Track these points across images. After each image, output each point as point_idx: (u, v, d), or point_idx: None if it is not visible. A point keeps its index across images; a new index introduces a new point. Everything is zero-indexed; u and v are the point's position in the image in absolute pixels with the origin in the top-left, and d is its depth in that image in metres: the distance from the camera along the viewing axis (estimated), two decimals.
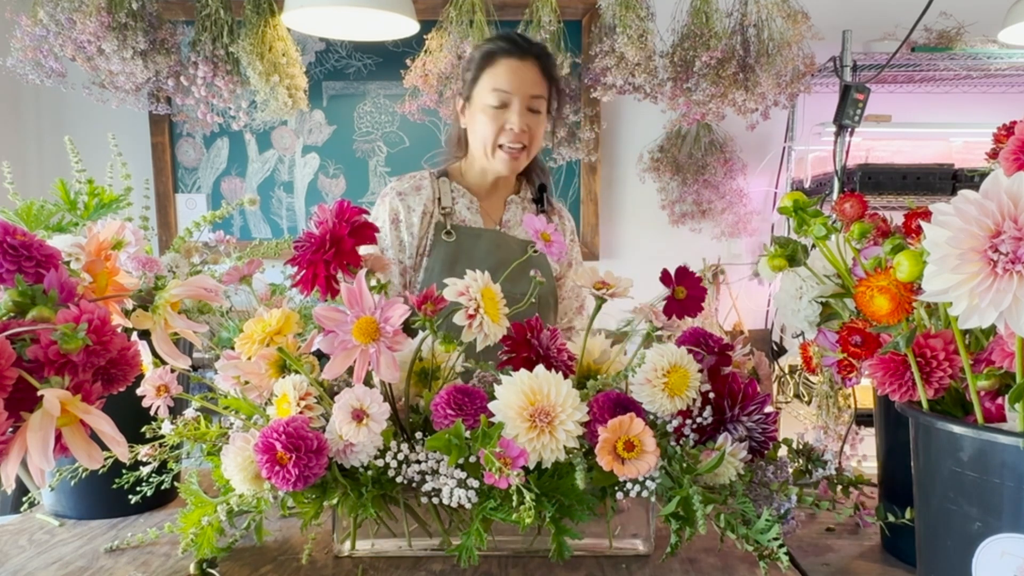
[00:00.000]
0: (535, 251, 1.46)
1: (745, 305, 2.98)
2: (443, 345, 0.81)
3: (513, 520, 0.72)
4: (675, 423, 0.80)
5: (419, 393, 0.84)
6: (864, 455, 1.37)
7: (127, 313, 0.79)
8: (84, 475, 0.96)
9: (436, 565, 0.84)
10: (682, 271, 0.87)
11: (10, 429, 0.54)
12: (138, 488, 0.93)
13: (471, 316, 0.77)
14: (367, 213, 0.83)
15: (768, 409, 0.87)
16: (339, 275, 0.79)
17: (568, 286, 1.63)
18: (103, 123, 2.86)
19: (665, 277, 0.87)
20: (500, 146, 1.42)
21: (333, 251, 0.78)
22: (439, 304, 0.78)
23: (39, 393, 0.54)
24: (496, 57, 1.42)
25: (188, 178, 3.00)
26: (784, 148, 2.92)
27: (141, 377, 0.85)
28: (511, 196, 1.56)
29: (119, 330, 0.63)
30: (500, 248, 1.47)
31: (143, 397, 0.85)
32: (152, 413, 0.87)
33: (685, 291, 0.86)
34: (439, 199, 1.49)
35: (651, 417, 0.79)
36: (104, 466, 0.67)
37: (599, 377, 0.83)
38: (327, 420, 0.76)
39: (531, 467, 0.73)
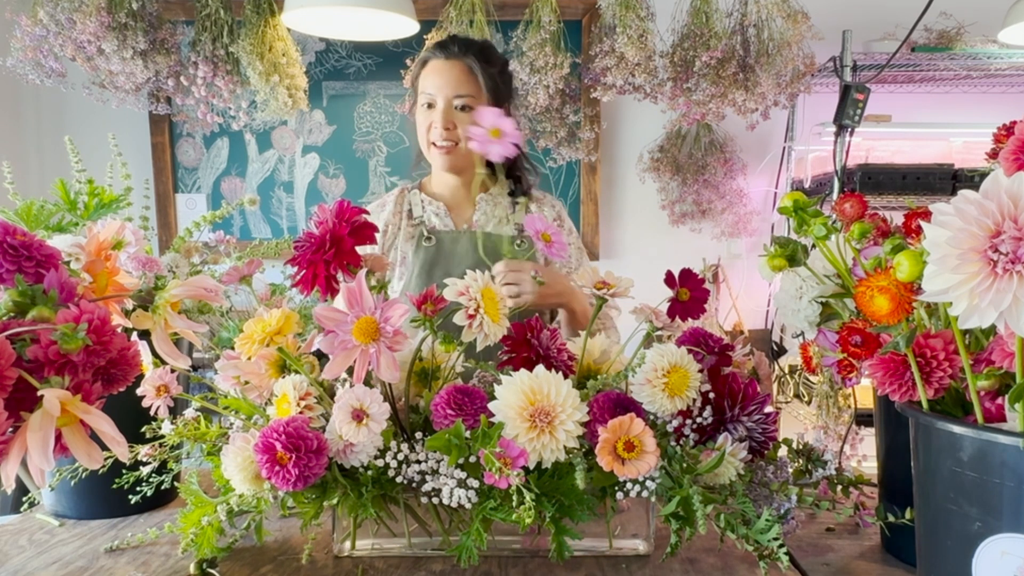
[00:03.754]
0: (519, 244, 1.49)
1: (745, 305, 2.98)
2: (443, 345, 0.81)
3: (513, 520, 0.72)
4: (675, 423, 0.80)
5: (419, 393, 0.84)
6: (864, 455, 1.37)
7: (127, 313, 0.79)
8: (84, 475, 0.96)
9: (436, 565, 0.84)
10: (685, 273, 0.87)
11: (10, 429, 0.54)
12: (138, 488, 0.93)
13: (471, 316, 0.77)
14: (367, 213, 0.83)
15: (768, 409, 0.87)
16: (339, 275, 0.79)
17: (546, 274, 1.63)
18: (103, 123, 2.86)
19: (669, 279, 0.87)
20: (434, 144, 1.46)
21: (333, 251, 0.78)
22: (439, 304, 0.78)
23: (39, 393, 0.54)
24: (427, 62, 1.49)
25: (188, 178, 3.00)
26: (784, 148, 2.92)
27: (141, 377, 0.85)
28: (480, 195, 1.58)
29: (119, 330, 0.63)
30: (478, 248, 1.49)
31: (143, 397, 0.85)
32: (152, 413, 0.87)
33: (688, 293, 0.86)
34: (409, 211, 1.56)
35: (651, 417, 0.79)
36: (104, 466, 0.67)
37: (599, 377, 0.83)
38: (327, 420, 0.76)
39: (531, 467, 0.73)
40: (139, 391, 0.85)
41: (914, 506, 0.65)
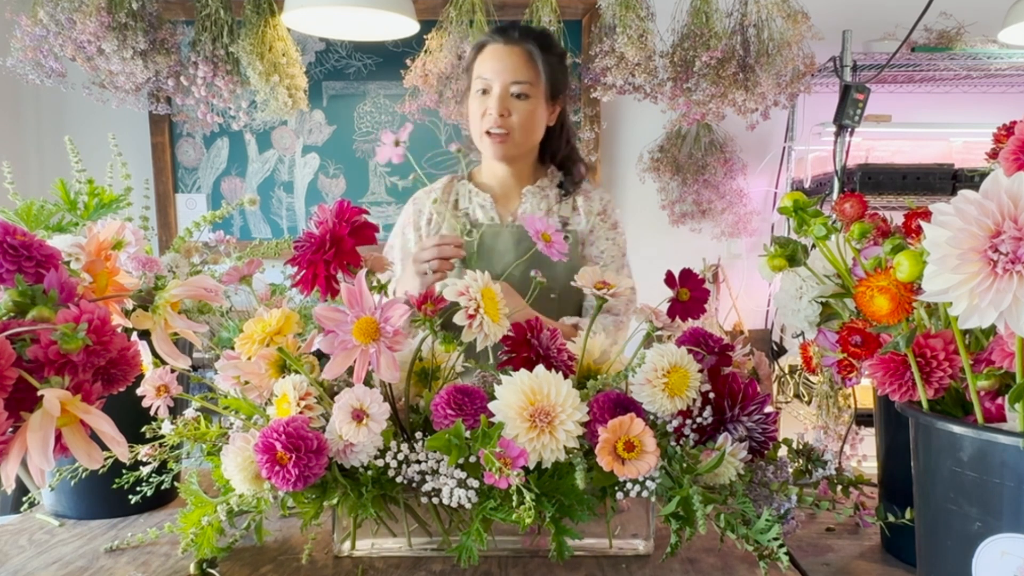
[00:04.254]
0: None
1: (745, 305, 2.98)
2: (443, 346, 0.81)
3: (513, 520, 0.72)
4: (675, 423, 0.80)
5: (419, 393, 0.84)
6: (864, 455, 1.37)
7: (127, 313, 0.79)
8: (84, 475, 0.96)
9: (436, 565, 0.84)
10: (685, 273, 0.87)
11: (10, 429, 0.54)
12: (138, 488, 0.93)
13: (471, 316, 0.77)
14: (367, 213, 0.83)
15: (768, 409, 0.87)
16: (339, 275, 0.79)
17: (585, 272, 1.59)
18: (103, 123, 2.86)
19: (669, 279, 0.87)
20: (488, 132, 1.42)
21: (333, 251, 0.78)
22: (439, 304, 0.78)
23: (39, 393, 0.54)
24: (484, 46, 1.44)
25: (188, 178, 3.00)
26: (784, 148, 2.92)
27: (141, 377, 0.85)
28: (527, 187, 1.53)
29: (119, 330, 0.63)
30: (521, 243, 1.46)
31: (143, 397, 0.85)
32: (152, 413, 0.87)
33: (688, 293, 0.86)
34: (456, 201, 1.52)
35: (651, 417, 0.79)
36: (104, 466, 0.67)
37: (599, 377, 0.83)
38: (327, 420, 0.76)
39: (531, 467, 0.73)
40: (139, 391, 0.85)
41: (914, 506, 0.65)
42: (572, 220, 1.54)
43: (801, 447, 0.94)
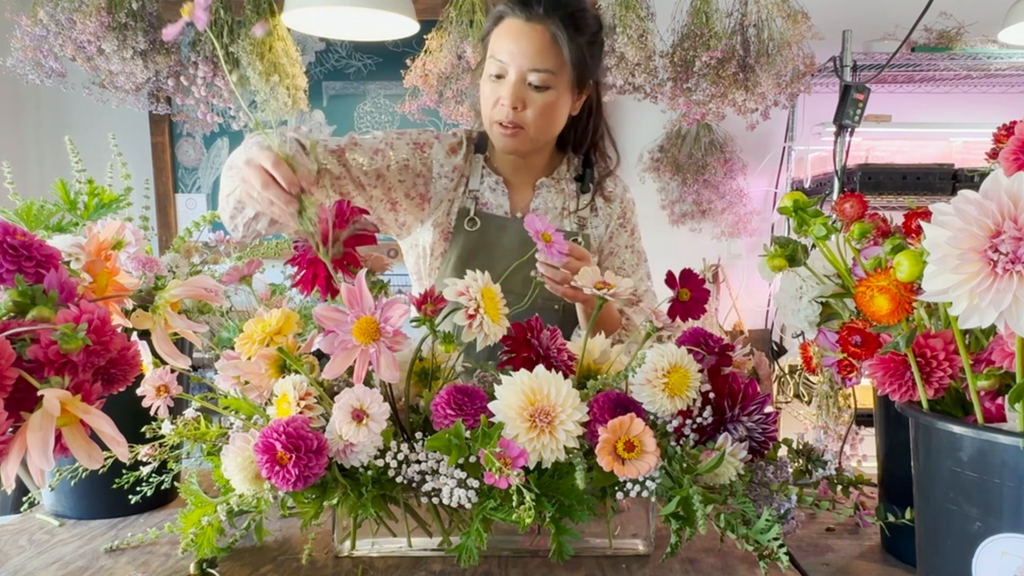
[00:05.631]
0: (575, 242, 1.27)
1: (745, 305, 2.98)
2: (443, 346, 0.81)
3: (513, 520, 0.72)
4: (675, 423, 0.80)
5: (419, 393, 0.84)
6: (864, 455, 1.37)
7: (127, 313, 0.79)
8: (84, 475, 0.96)
9: (436, 565, 0.84)
10: (686, 273, 0.87)
11: (10, 429, 0.54)
12: (138, 488, 0.93)
13: (471, 316, 0.77)
14: (367, 213, 0.83)
15: (768, 409, 0.87)
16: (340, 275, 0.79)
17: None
18: (103, 123, 2.86)
19: (669, 279, 0.87)
20: (498, 123, 1.23)
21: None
22: (439, 304, 0.78)
23: (39, 393, 0.54)
24: (502, 18, 1.21)
25: (188, 178, 3.00)
26: (784, 148, 2.92)
27: (141, 377, 0.85)
28: (541, 179, 1.36)
29: (119, 330, 0.63)
30: (528, 242, 1.34)
31: (143, 397, 0.85)
32: (152, 413, 0.87)
33: (689, 293, 0.86)
34: (467, 179, 1.33)
35: (651, 417, 0.79)
36: (104, 466, 0.67)
37: (599, 377, 0.83)
38: (327, 420, 0.76)
39: (531, 467, 0.73)
40: (139, 391, 0.85)
41: (914, 506, 0.65)
42: (590, 222, 1.38)
43: (801, 447, 0.94)
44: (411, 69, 2.51)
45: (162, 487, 0.95)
